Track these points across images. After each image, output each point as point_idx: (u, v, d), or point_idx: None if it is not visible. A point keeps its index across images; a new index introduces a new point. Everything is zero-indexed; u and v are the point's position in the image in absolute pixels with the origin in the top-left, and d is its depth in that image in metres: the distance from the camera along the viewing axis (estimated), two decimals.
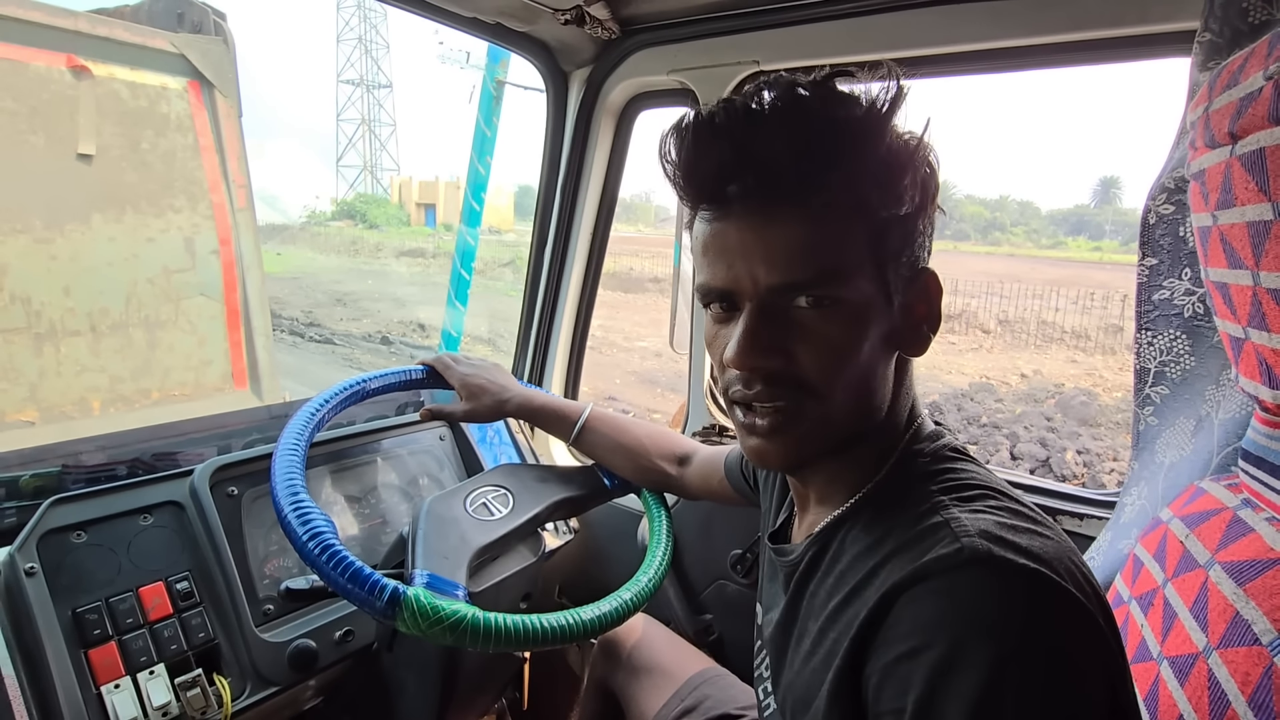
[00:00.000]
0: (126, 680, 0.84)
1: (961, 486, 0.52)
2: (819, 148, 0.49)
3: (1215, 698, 0.48)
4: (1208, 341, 0.80)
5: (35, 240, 2.81)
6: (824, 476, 0.61)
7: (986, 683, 0.39)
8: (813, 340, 0.52)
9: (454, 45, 6.71)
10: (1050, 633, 0.41)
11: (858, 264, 0.51)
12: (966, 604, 0.42)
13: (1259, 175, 0.47)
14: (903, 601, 0.45)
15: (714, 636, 1.39)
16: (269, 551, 1.03)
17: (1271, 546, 0.50)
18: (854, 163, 0.50)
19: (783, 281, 0.51)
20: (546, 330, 1.63)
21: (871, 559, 0.51)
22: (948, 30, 1.07)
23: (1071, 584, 0.42)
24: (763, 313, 0.52)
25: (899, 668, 0.43)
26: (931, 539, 0.46)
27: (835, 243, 0.50)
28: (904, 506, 0.52)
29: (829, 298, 0.51)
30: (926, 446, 0.57)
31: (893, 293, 0.53)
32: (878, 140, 0.50)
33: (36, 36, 2.76)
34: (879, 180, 0.51)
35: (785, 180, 0.50)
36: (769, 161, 0.50)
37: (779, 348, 0.52)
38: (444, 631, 0.72)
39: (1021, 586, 0.42)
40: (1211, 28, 0.75)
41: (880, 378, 0.55)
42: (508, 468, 1.10)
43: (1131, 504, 0.84)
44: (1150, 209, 0.84)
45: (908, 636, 0.43)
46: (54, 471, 1.03)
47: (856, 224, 0.51)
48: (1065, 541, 0.47)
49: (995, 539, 0.44)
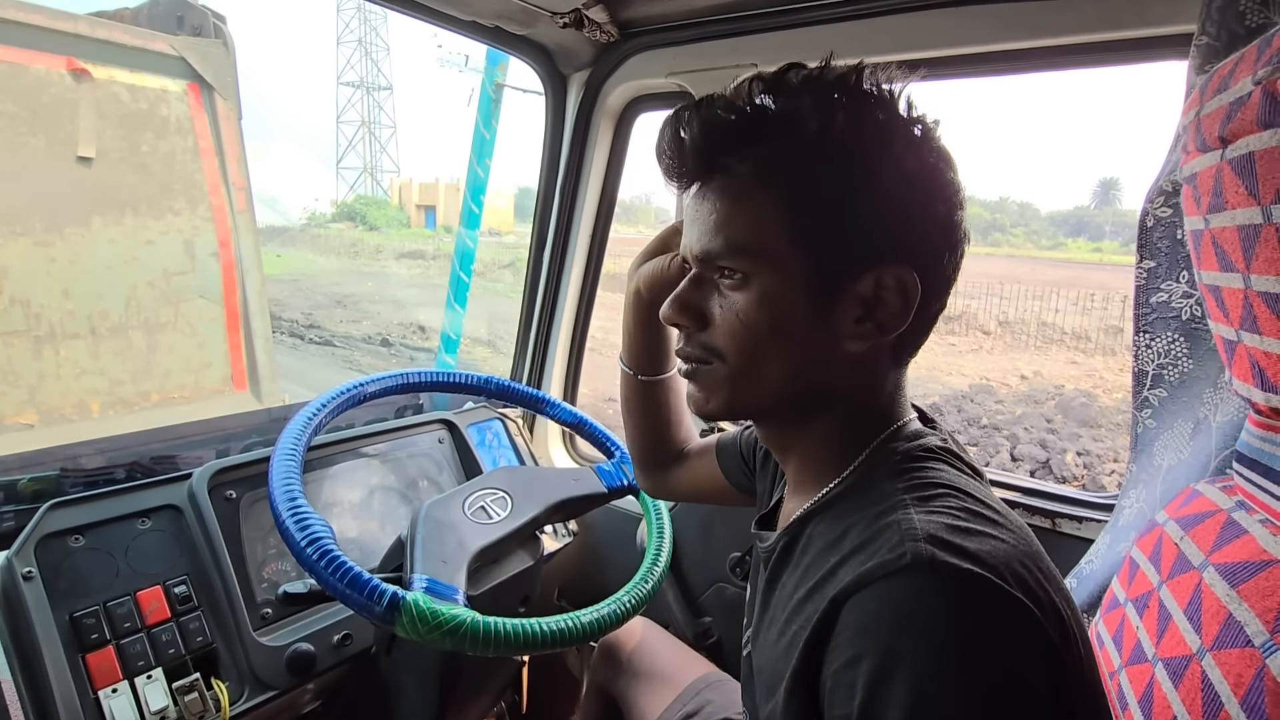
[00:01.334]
0: (124, 685, 0.84)
1: (924, 485, 0.51)
2: (731, 132, 0.53)
3: (1208, 699, 0.48)
4: (1205, 344, 0.80)
5: (35, 243, 2.82)
6: (796, 460, 0.62)
7: (920, 690, 0.40)
8: (723, 310, 0.56)
9: (453, 49, 6.73)
10: (986, 638, 0.41)
11: (771, 246, 0.53)
12: (904, 610, 0.43)
13: (1248, 179, 0.47)
14: (848, 607, 0.45)
15: (713, 639, 1.39)
16: (267, 555, 1.03)
17: (1264, 548, 0.50)
18: (773, 149, 0.52)
19: (702, 249, 0.56)
20: (546, 332, 1.63)
21: (832, 556, 0.51)
22: (947, 33, 1.07)
23: (1018, 588, 0.42)
24: (696, 278, 0.58)
25: (844, 675, 0.43)
26: (880, 541, 0.47)
27: (748, 222, 0.53)
28: (867, 503, 0.52)
29: (739, 272, 0.54)
30: (901, 445, 0.57)
31: (825, 280, 0.53)
32: (799, 129, 0.51)
33: (37, 39, 2.77)
34: (792, 169, 0.52)
35: (701, 160, 0.55)
36: (692, 142, 0.55)
37: (699, 310, 0.58)
38: (443, 636, 0.72)
39: (959, 591, 0.42)
40: (1209, 31, 0.75)
41: (805, 360, 0.55)
42: (506, 470, 1.10)
43: (1130, 507, 0.84)
44: (1148, 212, 0.84)
45: (850, 643, 0.44)
46: (52, 475, 1.03)
47: (774, 207, 0.52)
48: (1024, 543, 0.47)
49: (941, 542, 0.44)
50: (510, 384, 1.26)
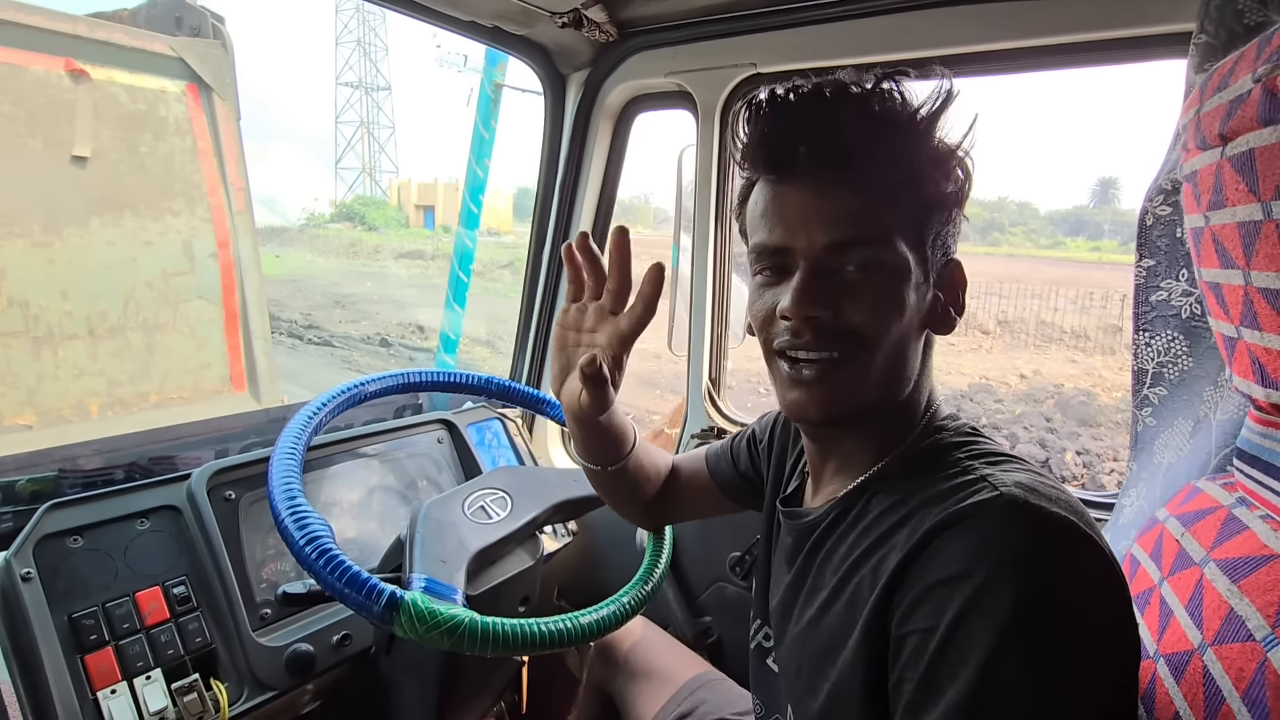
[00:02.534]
0: (123, 685, 0.84)
1: (990, 454, 0.56)
2: (879, 127, 0.55)
3: (1210, 694, 0.48)
4: (1205, 342, 0.80)
5: (33, 244, 2.81)
6: (849, 444, 0.64)
7: (1017, 609, 0.43)
8: (860, 297, 0.56)
9: (452, 49, 6.70)
10: (1080, 574, 0.45)
11: (901, 236, 0.56)
12: (1004, 540, 0.46)
13: (1249, 176, 0.47)
14: (942, 539, 0.48)
15: (713, 639, 1.39)
16: (266, 556, 1.03)
17: (1265, 543, 0.50)
18: (908, 147, 0.56)
19: (835, 240, 0.56)
20: (545, 332, 1.63)
21: (900, 511, 0.54)
22: (945, 33, 1.07)
23: (1096, 536, 0.47)
24: (815, 269, 0.57)
25: (934, 592, 0.47)
26: (968, 490, 0.50)
27: (883, 213, 0.56)
28: (934, 469, 0.55)
29: (875, 260, 0.56)
30: (949, 424, 0.61)
31: (929, 270, 0.58)
32: (928, 133, 0.56)
33: (35, 40, 2.76)
34: (926, 168, 0.57)
35: (846, 150, 0.55)
36: (834, 132, 0.55)
37: (829, 301, 0.56)
38: (442, 636, 0.72)
39: (1056, 530, 0.46)
40: (1207, 29, 0.75)
41: (913, 349, 0.60)
42: (506, 471, 1.10)
43: (1130, 505, 0.84)
44: (1147, 210, 0.84)
45: (945, 566, 0.47)
46: (51, 476, 1.03)
47: (902, 202, 0.56)
48: (1082, 507, 0.50)
49: (1030, 490, 0.48)
50: (510, 384, 1.25)
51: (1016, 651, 0.43)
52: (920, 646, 0.46)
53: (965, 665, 0.43)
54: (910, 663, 0.47)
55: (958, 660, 0.44)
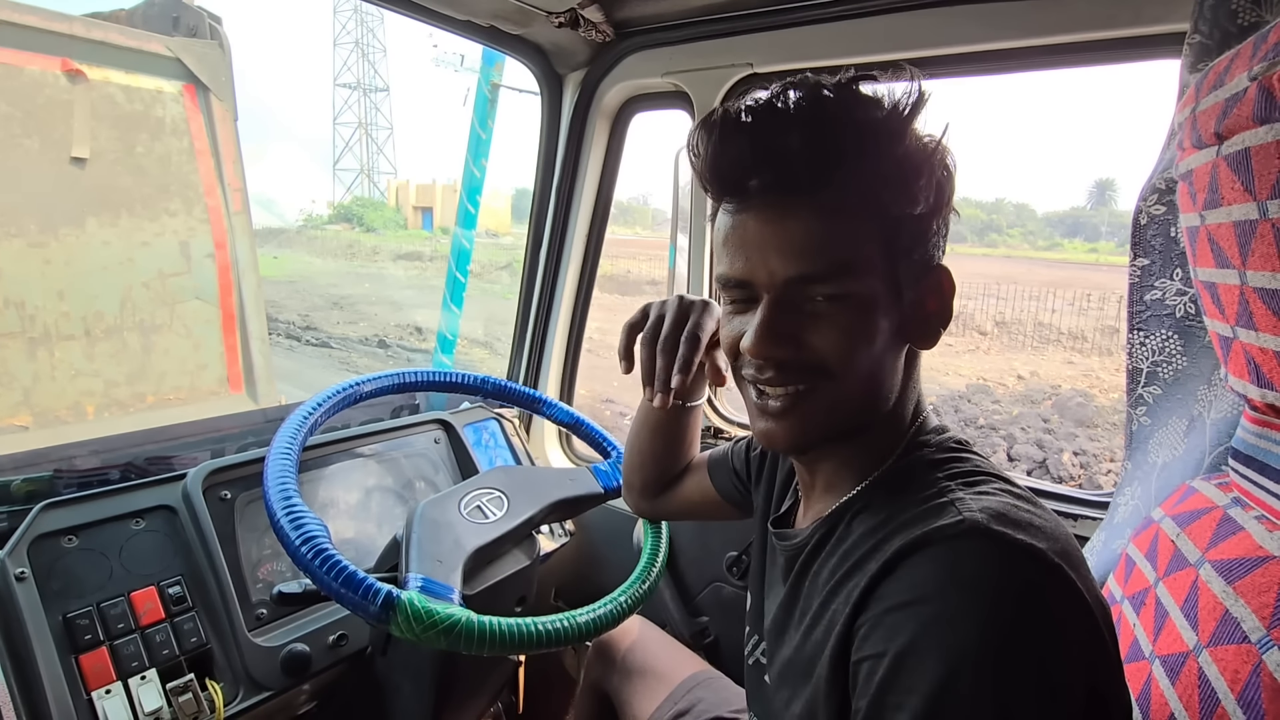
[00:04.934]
0: (118, 686, 0.83)
1: (967, 474, 0.54)
2: (835, 146, 0.51)
3: (1205, 696, 0.48)
4: (1199, 341, 0.80)
5: (29, 244, 2.81)
6: (833, 463, 0.62)
7: (969, 638, 0.41)
8: (825, 329, 0.54)
9: (448, 49, 6.71)
10: (1041, 605, 0.43)
11: (869, 259, 0.53)
12: (961, 567, 0.44)
13: (1244, 175, 0.48)
14: (902, 566, 0.47)
15: (710, 639, 1.39)
16: (262, 555, 1.02)
17: (1260, 545, 0.50)
18: (870, 162, 0.52)
19: (798, 273, 0.53)
20: (542, 333, 1.63)
21: (877, 535, 0.53)
22: (941, 32, 1.07)
23: (1068, 565, 0.44)
24: (779, 304, 0.54)
25: (888, 617, 0.45)
26: (936, 515, 0.49)
27: (847, 238, 0.52)
28: (910, 490, 0.54)
29: (840, 293, 0.53)
30: (933, 438, 0.59)
31: (904, 287, 0.55)
32: (895, 142, 0.52)
33: (32, 40, 2.76)
34: (894, 180, 0.52)
35: (801, 176, 0.52)
36: (787, 157, 0.51)
37: (793, 337, 0.54)
38: (438, 635, 0.72)
39: (1018, 559, 0.44)
40: (1201, 29, 0.75)
41: (889, 368, 0.57)
42: (503, 470, 1.10)
43: (1125, 504, 0.84)
44: (1141, 210, 0.84)
45: (901, 591, 0.46)
46: (46, 476, 1.02)
47: (869, 221, 0.53)
48: (1063, 531, 0.49)
49: (997, 516, 0.46)
50: (507, 384, 1.25)
51: (966, 682, 0.41)
52: (871, 672, 0.45)
53: (913, 694, 0.42)
54: (862, 690, 0.46)
55: (906, 688, 0.42)
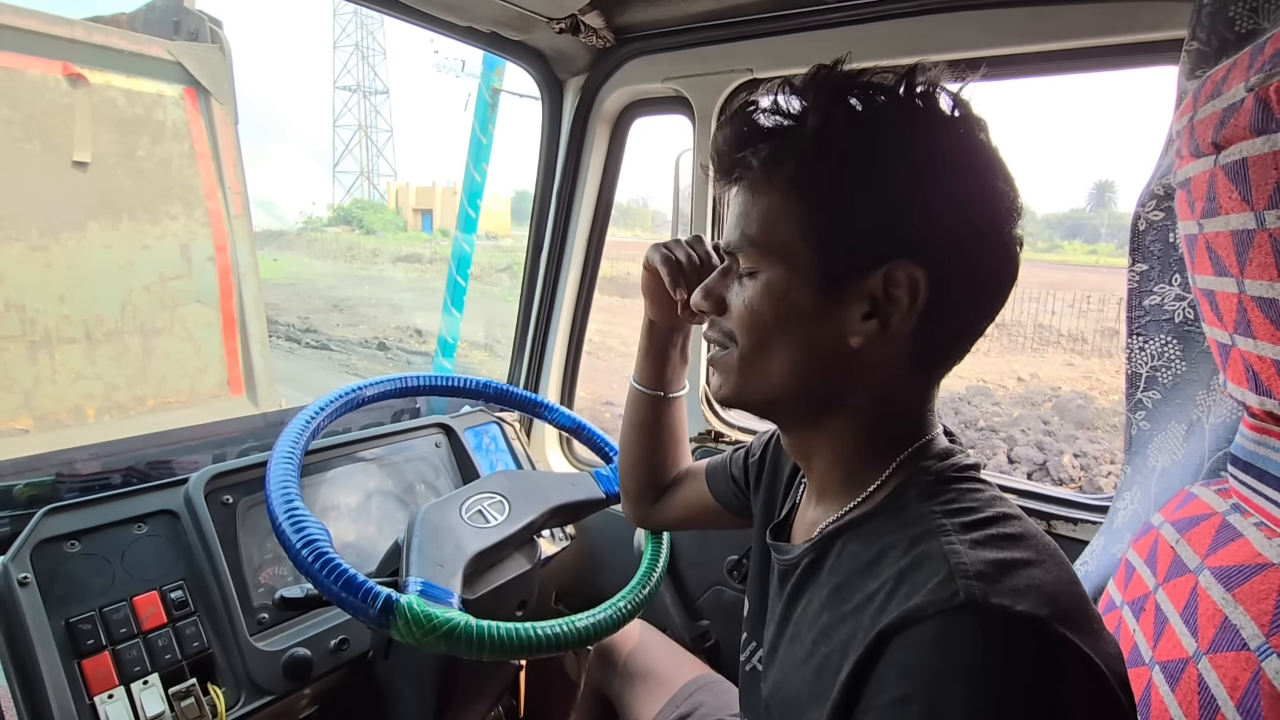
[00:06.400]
0: (120, 690, 0.83)
1: (963, 510, 0.50)
2: (747, 132, 0.56)
3: (1205, 702, 0.48)
4: (1198, 346, 0.80)
5: (31, 248, 2.81)
6: (820, 464, 0.62)
7: None
8: (737, 300, 0.60)
9: (449, 54, 6.69)
10: (1048, 687, 0.40)
11: (783, 240, 0.55)
12: (957, 652, 0.41)
13: (1242, 185, 0.48)
14: (895, 643, 0.44)
15: (711, 642, 1.39)
16: (264, 560, 1.03)
17: (1259, 551, 0.51)
18: (779, 148, 0.55)
19: (726, 241, 0.60)
20: (543, 335, 1.63)
21: (869, 581, 0.50)
22: (940, 39, 1.07)
23: (1072, 630, 0.41)
24: (724, 269, 0.63)
25: (891, 711, 0.42)
26: (926, 571, 0.46)
27: (761, 217, 0.56)
28: (902, 524, 0.51)
29: (750, 269, 0.58)
30: (933, 464, 0.56)
31: (832, 276, 0.53)
32: (794, 133, 0.54)
33: (33, 44, 2.76)
34: (805, 169, 0.53)
35: (725, 159, 0.58)
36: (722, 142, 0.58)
37: (719, 298, 0.62)
38: (437, 639, 0.72)
39: (1016, 635, 0.41)
40: (1199, 37, 0.76)
41: (809, 352, 0.56)
42: (504, 475, 1.10)
43: (1124, 509, 0.84)
44: (1140, 215, 0.84)
45: (898, 681, 0.43)
46: (48, 480, 1.03)
47: (785, 204, 0.55)
48: (1068, 574, 0.46)
49: (993, 579, 0.43)
50: (507, 388, 1.26)
51: None
52: None
53: None
54: None
55: None
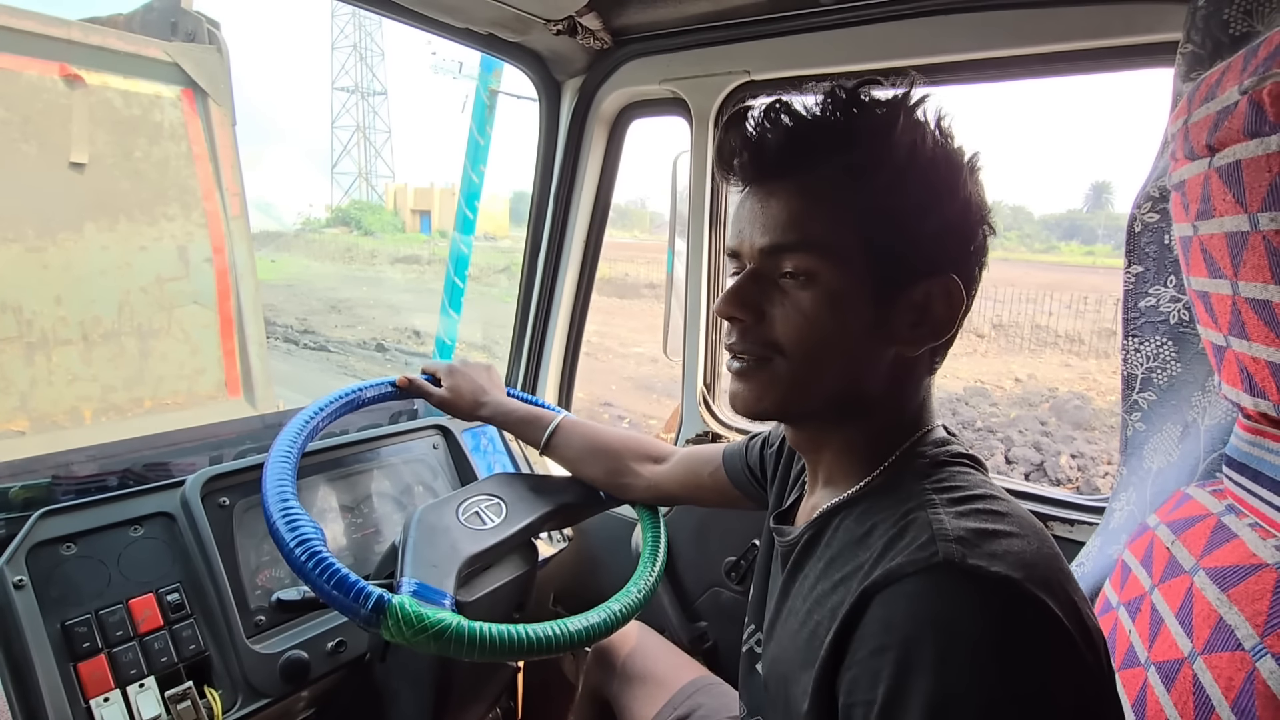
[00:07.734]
0: (116, 693, 0.83)
1: (952, 487, 0.53)
2: (814, 135, 0.55)
3: (1200, 703, 0.48)
4: (1193, 348, 0.81)
5: (27, 249, 2.80)
6: (828, 457, 0.64)
7: (941, 679, 0.41)
8: (787, 306, 0.57)
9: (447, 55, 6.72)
10: (1018, 642, 0.42)
11: (843, 247, 0.55)
12: (933, 607, 0.44)
13: (1236, 187, 0.48)
14: (877, 601, 0.47)
15: (709, 644, 1.39)
16: (261, 562, 1.02)
17: (1254, 552, 0.51)
18: (851, 156, 0.54)
19: (769, 243, 0.57)
20: (540, 336, 1.63)
21: (860, 551, 0.53)
22: (937, 41, 1.08)
23: (1046, 593, 0.43)
24: (754, 274, 0.59)
25: (868, 663, 0.45)
26: (910, 536, 0.49)
27: (821, 221, 0.55)
28: (894, 501, 0.54)
29: (805, 269, 0.56)
30: (929, 450, 0.59)
31: (886, 286, 0.56)
32: (876, 141, 0.54)
33: (29, 45, 2.75)
34: (876, 178, 0.54)
35: (778, 159, 0.57)
36: (768, 143, 0.57)
37: (756, 305, 0.59)
38: (429, 640, 0.72)
39: (990, 593, 0.43)
40: (1194, 39, 0.76)
41: (859, 361, 0.58)
42: (502, 477, 1.10)
43: (1120, 509, 0.84)
44: (1136, 217, 0.85)
45: (877, 635, 0.45)
46: (44, 483, 1.02)
47: (846, 211, 0.55)
48: (1050, 550, 0.48)
49: (971, 544, 0.46)
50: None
51: None
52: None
53: None
54: None
55: None
